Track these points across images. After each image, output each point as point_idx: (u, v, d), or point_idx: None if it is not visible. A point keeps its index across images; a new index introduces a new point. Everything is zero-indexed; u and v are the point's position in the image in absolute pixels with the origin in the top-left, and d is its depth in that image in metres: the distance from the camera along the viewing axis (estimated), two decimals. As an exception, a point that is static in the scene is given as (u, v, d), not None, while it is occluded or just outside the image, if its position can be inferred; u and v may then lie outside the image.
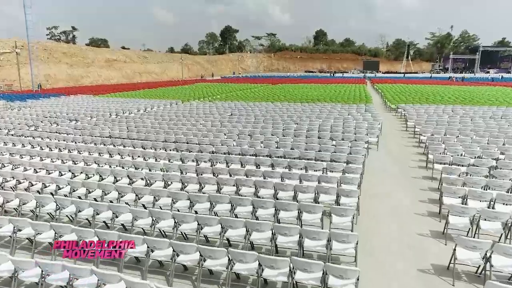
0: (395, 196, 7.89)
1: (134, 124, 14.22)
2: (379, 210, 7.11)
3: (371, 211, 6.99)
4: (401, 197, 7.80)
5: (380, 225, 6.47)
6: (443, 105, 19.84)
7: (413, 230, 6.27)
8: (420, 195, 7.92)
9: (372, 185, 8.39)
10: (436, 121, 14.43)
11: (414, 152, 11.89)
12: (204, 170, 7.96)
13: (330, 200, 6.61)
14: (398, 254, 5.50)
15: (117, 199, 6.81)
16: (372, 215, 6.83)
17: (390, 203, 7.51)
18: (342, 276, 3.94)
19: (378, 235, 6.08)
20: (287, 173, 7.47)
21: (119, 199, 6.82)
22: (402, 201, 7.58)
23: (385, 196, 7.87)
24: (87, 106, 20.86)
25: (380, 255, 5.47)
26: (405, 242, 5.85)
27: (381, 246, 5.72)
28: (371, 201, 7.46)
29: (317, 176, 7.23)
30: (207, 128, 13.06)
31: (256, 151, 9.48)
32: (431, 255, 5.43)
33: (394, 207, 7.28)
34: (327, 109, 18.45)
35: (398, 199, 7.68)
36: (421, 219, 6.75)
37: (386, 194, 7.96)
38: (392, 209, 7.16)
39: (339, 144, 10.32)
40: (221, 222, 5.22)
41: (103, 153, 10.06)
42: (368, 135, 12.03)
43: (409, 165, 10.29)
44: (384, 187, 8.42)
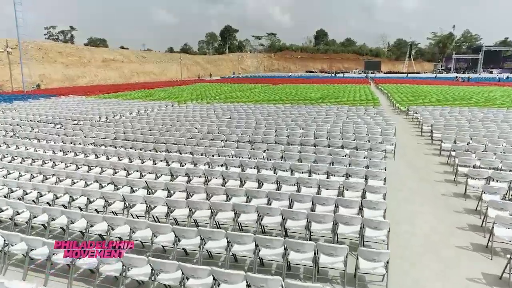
0: (426, 222, 6.51)
1: (122, 130, 12.85)
2: (411, 243, 5.74)
3: (401, 246, 5.61)
4: (434, 224, 6.42)
5: (417, 269, 5.08)
6: (458, 107, 18.45)
7: (460, 274, 4.90)
8: (456, 220, 6.55)
9: (397, 208, 7.01)
10: (457, 125, 13.06)
11: (435, 161, 10.53)
12: (195, 190, 6.59)
13: (352, 232, 5.25)
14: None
15: (85, 227, 5.50)
16: (403, 253, 5.43)
17: (422, 230, 6.14)
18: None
19: (418, 284, 4.72)
20: (296, 195, 6.10)
21: (88, 228, 5.50)
22: (436, 229, 6.21)
23: (415, 223, 6.50)
24: (76, 108, 19.49)
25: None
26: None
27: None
28: (398, 229, 6.08)
29: (333, 200, 5.86)
30: (203, 134, 11.69)
31: (258, 163, 8.11)
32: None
33: (429, 238, 5.90)
34: (334, 111, 17.09)
35: (432, 227, 6.30)
36: (466, 255, 5.38)
37: (416, 220, 6.59)
38: (427, 241, 5.79)
39: (353, 154, 8.95)
40: (213, 274, 3.86)
41: (81, 164, 8.71)
42: (384, 142, 10.66)
43: (434, 179, 8.92)
44: (411, 210, 7.04)
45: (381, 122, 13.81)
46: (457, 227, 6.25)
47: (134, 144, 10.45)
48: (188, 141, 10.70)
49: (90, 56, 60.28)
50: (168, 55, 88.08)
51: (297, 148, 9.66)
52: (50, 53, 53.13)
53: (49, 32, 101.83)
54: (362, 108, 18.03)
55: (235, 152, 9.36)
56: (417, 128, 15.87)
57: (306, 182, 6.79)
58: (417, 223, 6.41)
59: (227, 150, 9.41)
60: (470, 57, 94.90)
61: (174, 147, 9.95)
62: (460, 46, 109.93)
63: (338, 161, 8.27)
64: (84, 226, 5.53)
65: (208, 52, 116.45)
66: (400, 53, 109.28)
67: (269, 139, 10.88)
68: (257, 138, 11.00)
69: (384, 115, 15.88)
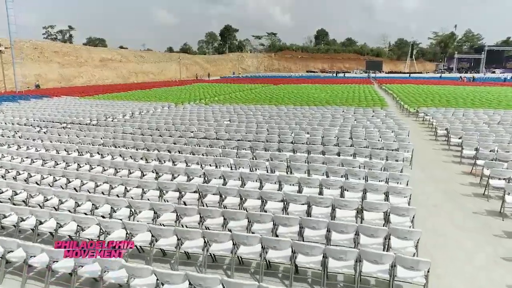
0: (464, 249, 5.44)
1: (111, 134, 11.77)
2: (453, 285, 4.67)
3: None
4: (472, 252, 5.35)
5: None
6: (471, 108, 17.38)
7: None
8: (499, 247, 5.48)
9: (424, 231, 5.93)
10: (476, 129, 11.98)
11: (457, 171, 9.45)
12: (187, 212, 5.51)
13: (380, 272, 4.18)
14: None
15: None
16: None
17: (460, 260, 5.07)
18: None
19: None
20: (308, 221, 5.03)
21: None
22: (473, 258, 5.14)
23: (452, 255, 5.41)
24: (67, 110, 18.40)
25: None
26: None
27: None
28: (433, 264, 5.00)
29: (353, 227, 4.79)
30: (198, 140, 10.62)
31: (260, 176, 7.03)
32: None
33: (474, 275, 4.83)
34: (340, 113, 16.02)
35: (470, 258, 5.23)
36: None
37: (452, 251, 5.51)
38: (470, 280, 4.72)
39: (368, 164, 7.88)
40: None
41: (59, 176, 7.63)
42: (400, 149, 9.60)
43: (460, 192, 7.85)
44: (442, 234, 5.96)
45: (392, 125, 12.73)
46: (503, 258, 5.18)
47: (122, 152, 9.36)
48: (183, 148, 9.63)
49: (87, 55, 59.16)
50: (167, 55, 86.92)
51: (304, 156, 8.57)
52: (46, 52, 52.00)
53: (47, 32, 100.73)
54: (369, 110, 16.96)
55: (234, 161, 8.29)
56: (429, 131, 14.82)
57: (318, 201, 5.71)
58: (455, 255, 5.32)
59: (225, 159, 8.33)
60: (472, 56, 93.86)
61: (166, 155, 8.88)
62: (461, 46, 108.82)
63: (352, 174, 7.20)
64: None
65: (208, 52, 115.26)
66: (401, 52, 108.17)
67: (272, 145, 9.81)
68: (259, 145, 9.92)
69: (394, 117, 14.83)
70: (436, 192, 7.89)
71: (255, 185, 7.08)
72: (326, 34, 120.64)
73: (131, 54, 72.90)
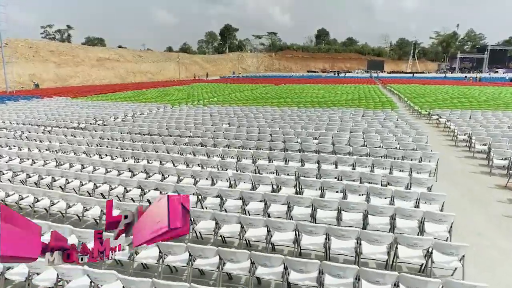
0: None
1: (97, 141, 10.55)
2: None
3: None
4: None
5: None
6: (490, 111, 16.14)
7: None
8: None
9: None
10: (504, 135, 10.75)
11: (490, 184, 8.23)
12: (173, 249, 4.30)
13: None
14: None
15: None
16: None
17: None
18: None
19: None
20: (327, 265, 3.81)
21: None
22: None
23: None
24: (55, 112, 17.19)
25: None
26: None
27: None
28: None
29: (384, 278, 3.59)
30: (194, 148, 9.41)
31: (265, 197, 5.82)
32: None
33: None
34: (348, 116, 14.82)
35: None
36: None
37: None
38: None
39: (391, 179, 6.67)
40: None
41: (34, 195, 6.43)
42: (423, 158, 8.39)
43: (500, 212, 6.64)
44: (495, 276, 4.76)
45: (409, 130, 11.52)
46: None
47: (105, 163, 8.14)
48: (175, 158, 8.41)
49: (84, 55, 57.93)
50: (166, 55, 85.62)
51: (314, 169, 7.36)
52: (42, 51, 50.78)
53: (45, 31, 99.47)
54: (379, 112, 15.73)
55: (234, 175, 7.08)
56: (446, 135, 13.62)
57: (339, 235, 4.50)
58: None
59: (222, 173, 7.12)
60: (475, 56, 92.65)
61: (155, 167, 7.66)
62: (463, 46, 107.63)
63: (376, 193, 5.97)
64: None
65: (207, 51, 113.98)
66: (402, 52, 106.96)
67: (278, 155, 8.60)
68: (262, 154, 8.71)
69: (408, 120, 13.61)
70: (472, 211, 6.70)
71: (258, 206, 5.88)
72: (327, 33, 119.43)
73: (129, 53, 71.66)
